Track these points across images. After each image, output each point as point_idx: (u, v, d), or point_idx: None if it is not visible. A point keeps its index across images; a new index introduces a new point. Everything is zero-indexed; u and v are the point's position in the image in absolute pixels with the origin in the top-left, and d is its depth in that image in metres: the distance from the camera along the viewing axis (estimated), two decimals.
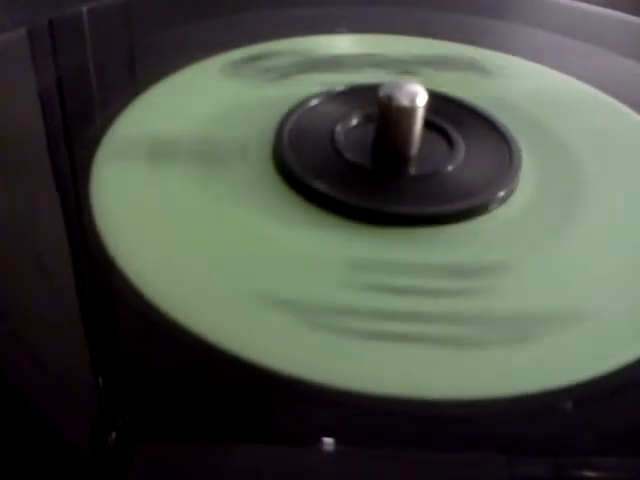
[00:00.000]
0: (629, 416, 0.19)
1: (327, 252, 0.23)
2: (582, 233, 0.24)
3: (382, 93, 0.25)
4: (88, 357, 0.20)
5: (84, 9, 0.35)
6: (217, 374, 0.20)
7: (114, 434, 0.18)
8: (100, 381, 0.20)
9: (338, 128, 0.27)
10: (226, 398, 0.19)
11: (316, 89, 0.29)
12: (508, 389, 0.19)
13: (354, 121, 0.27)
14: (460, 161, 0.26)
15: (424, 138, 0.26)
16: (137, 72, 0.34)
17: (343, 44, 0.35)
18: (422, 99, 0.25)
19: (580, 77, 0.33)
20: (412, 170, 0.26)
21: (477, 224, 0.24)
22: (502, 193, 0.25)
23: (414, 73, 0.32)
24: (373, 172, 0.26)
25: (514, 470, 0.18)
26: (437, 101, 0.26)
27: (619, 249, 0.24)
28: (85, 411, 0.19)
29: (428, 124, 0.26)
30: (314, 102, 0.28)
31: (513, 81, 0.32)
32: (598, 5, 0.39)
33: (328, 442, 0.18)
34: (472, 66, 0.33)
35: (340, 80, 0.30)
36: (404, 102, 0.25)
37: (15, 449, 0.17)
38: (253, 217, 0.24)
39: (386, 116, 0.25)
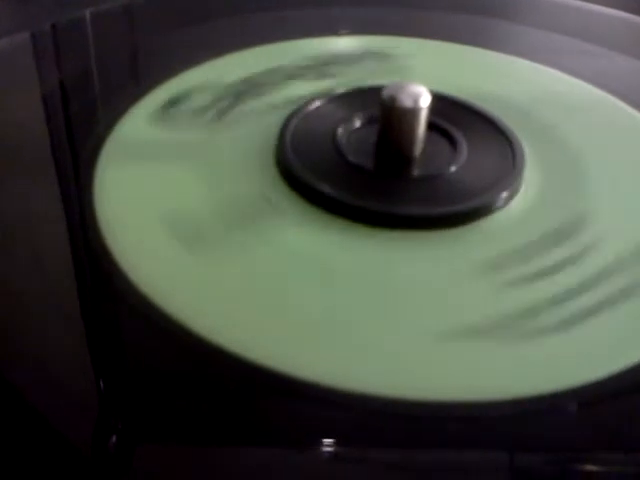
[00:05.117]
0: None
1: (328, 253, 0.23)
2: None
3: (385, 94, 0.25)
4: (89, 360, 0.20)
5: (87, 13, 0.35)
6: (218, 377, 0.20)
7: (115, 437, 0.18)
8: (101, 384, 0.20)
9: (340, 130, 0.27)
10: (227, 401, 0.19)
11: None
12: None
13: (356, 123, 0.27)
14: (463, 162, 0.25)
15: (427, 139, 0.26)
16: (139, 75, 0.34)
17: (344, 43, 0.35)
18: (425, 100, 0.25)
19: (584, 78, 0.32)
20: (415, 171, 0.26)
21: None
22: (505, 194, 0.25)
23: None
24: (376, 174, 0.25)
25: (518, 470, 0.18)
26: (440, 102, 0.26)
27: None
28: (86, 414, 0.18)
29: (431, 125, 0.26)
30: (315, 105, 0.28)
31: (516, 82, 0.32)
32: (602, 5, 0.39)
33: (333, 444, 0.18)
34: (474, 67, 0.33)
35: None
36: (407, 103, 0.25)
37: (17, 452, 0.17)
38: (256, 219, 0.24)
39: (389, 117, 0.25)
